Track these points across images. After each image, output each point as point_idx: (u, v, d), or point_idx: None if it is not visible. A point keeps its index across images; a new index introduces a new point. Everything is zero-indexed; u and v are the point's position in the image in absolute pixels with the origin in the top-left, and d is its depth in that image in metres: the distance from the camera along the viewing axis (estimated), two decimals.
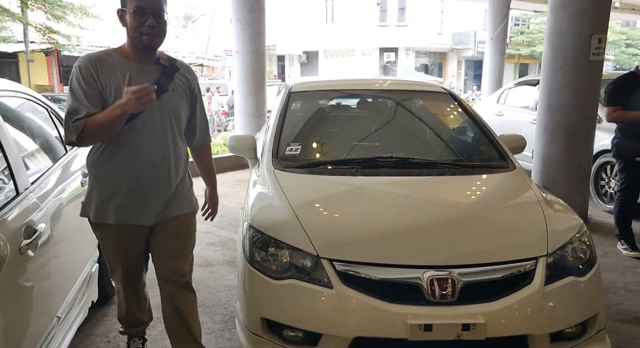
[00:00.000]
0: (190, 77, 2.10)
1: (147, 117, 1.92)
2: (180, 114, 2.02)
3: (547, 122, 4.60)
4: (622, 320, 2.77)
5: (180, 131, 2.06)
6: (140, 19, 1.84)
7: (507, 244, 2.12)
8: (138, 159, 1.94)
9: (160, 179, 2.00)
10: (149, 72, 1.95)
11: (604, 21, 4.39)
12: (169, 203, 2.05)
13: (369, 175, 2.60)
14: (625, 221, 3.84)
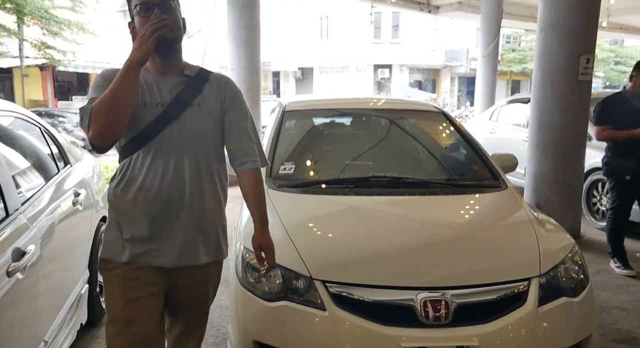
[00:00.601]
0: (226, 88, 1.76)
1: (166, 137, 1.63)
2: (207, 132, 1.69)
3: (538, 141, 4.64)
4: (616, 340, 2.77)
5: (212, 154, 1.73)
6: (145, 15, 1.58)
7: (500, 265, 2.13)
8: (156, 189, 1.63)
9: (181, 213, 1.66)
10: (171, 84, 1.68)
11: (592, 41, 4.46)
12: (190, 245, 1.70)
13: (362, 194, 2.61)
14: (617, 239, 3.86)
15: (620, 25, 17.76)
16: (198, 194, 1.68)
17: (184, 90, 1.67)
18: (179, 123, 1.64)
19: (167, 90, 1.66)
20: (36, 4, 12.56)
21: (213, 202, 1.73)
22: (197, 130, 1.68)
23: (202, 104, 1.69)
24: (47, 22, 12.75)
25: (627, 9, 14.27)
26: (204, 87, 1.71)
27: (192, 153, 1.67)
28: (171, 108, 1.64)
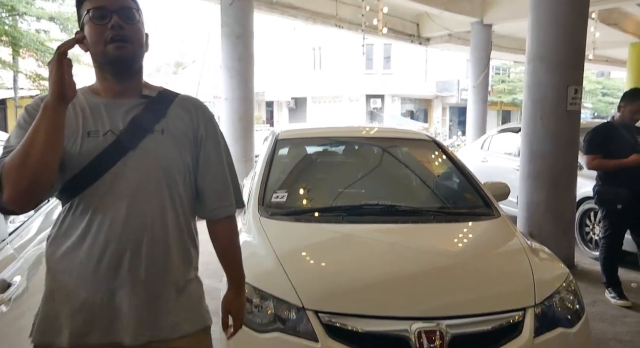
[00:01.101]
0: (197, 112, 1.38)
1: (118, 173, 1.23)
2: (174, 165, 1.30)
3: (530, 170, 4.68)
4: None
5: (181, 194, 1.32)
6: (100, 23, 1.22)
7: (495, 294, 2.10)
8: (103, 242, 1.22)
9: (138, 273, 1.24)
10: (126, 107, 1.29)
11: (579, 72, 4.56)
12: (154, 315, 1.27)
13: (355, 222, 2.59)
14: (611, 269, 3.84)
15: (606, 58, 18.21)
16: (162, 248, 1.28)
17: (142, 113, 1.29)
18: (137, 154, 1.25)
19: (120, 115, 1.28)
20: (32, 36, 12.71)
21: (183, 258, 1.33)
22: (161, 162, 1.28)
23: (166, 130, 1.30)
24: (43, 54, 12.86)
25: (611, 43, 14.67)
26: (168, 110, 1.34)
27: (154, 193, 1.27)
28: (125, 135, 1.25)
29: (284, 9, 9.52)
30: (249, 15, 7.20)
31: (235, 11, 7.02)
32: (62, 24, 13.17)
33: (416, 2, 10.24)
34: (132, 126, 1.28)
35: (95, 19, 1.23)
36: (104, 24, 1.22)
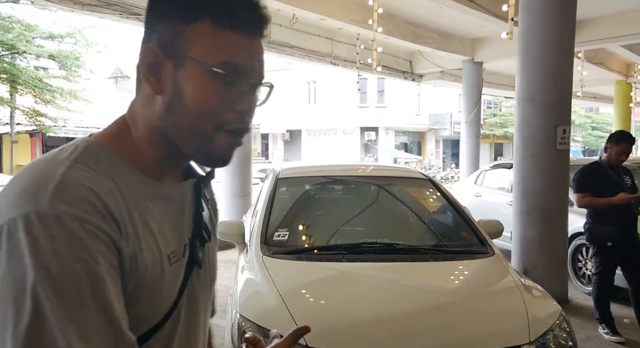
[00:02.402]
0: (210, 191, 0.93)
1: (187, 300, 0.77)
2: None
3: (522, 206, 4.81)
4: None
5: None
6: (229, 90, 0.70)
7: (491, 332, 2.18)
8: None
9: None
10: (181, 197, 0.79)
11: (567, 113, 4.76)
12: None
13: (355, 260, 2.68)
14: (604, 305, 3.92)
15: (593, 94, 18.72)
16: None
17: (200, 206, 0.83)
18: (199, 275, 0.82)
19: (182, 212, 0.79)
20: (30, 74, 12.92)
21: None
22: (213, 274, 0.92)
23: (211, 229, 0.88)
24: (41, 90, 13.05)
25: (598, 80, 15.14)
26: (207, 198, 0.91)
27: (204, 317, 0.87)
28: (193, 246, 0.79)
29: (281, 47, 9.82)
30: None
31: None
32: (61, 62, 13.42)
33: (409, 41, 10.61)
34: (199, 230, 0.81)
35: (231, 79, 0.70)
36: (237, 97, 0.72)
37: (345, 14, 8.82)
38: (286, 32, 9.72)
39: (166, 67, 0.68)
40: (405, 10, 9.70)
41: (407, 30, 10.42)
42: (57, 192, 0.59)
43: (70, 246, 0.57)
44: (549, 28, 4.58)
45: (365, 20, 8.63)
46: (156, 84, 0.69)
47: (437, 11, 9.00)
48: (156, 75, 0.69)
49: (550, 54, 4.60)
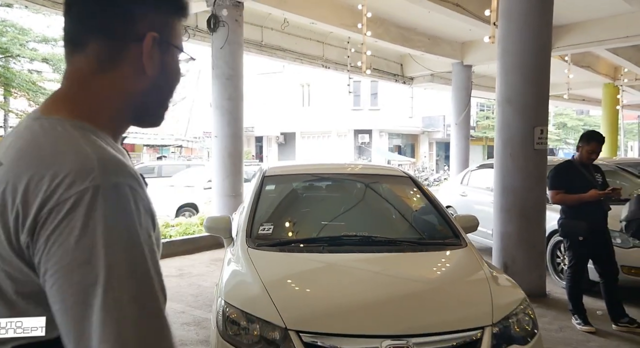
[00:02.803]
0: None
1: None
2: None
3: (502, 203, 4.99)
4: None
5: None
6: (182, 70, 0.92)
7: (457, 315, 2.35)
8: None
9: None
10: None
11: (545, 114, 4.95)
12: None
13: (335, 252, 2.85)
14: (576, 297, 4.10)
15: (582, 97, 19.03)
16: None
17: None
18: None
19: None
20: (24, 77, 13.03)
21: None
22: None
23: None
24: (35, 94, 13.16)
25: (585, 83, 15.42)
26: None
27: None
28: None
29: (273, 50, 10.00)
30: (238, 57, 7.60)
31: (225, 54, 7.42)
32: (54, 65, 13.54)
33: (399, 45, 10.81)
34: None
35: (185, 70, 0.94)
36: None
37: (335, 18, 9.00)
38: (278, 35, 9.90)
39: (155, 52, 0.82)
40: (395, 15, 9.90)
41: (397, 33, 10.62)
42: (106, 167, 0.70)
43: (129, 211, 0.69)
44: (527, 33, 4.78)
45: (355, 24, 8.81)
46: (151, 65, 0.82)
47: (426, 15, 9.20)
48: (151, 58, 0.82)
49: (528, 57, 4.80)
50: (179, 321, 4.23)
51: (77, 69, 0.82)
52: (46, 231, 0.67)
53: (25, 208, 0.68)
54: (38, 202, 0.67)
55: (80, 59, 0.81)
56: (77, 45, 0.81)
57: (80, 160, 0.70)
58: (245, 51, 8.28)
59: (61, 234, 0.66)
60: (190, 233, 7.53)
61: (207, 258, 6.70)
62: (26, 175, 0.69)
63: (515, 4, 4.80)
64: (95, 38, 0.80)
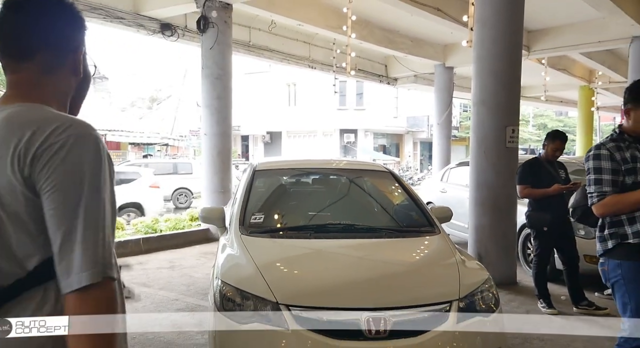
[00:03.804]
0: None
1: None
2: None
3: (477, 198, 5.34)
4: None
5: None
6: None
7: (428, 291, 2.67)
8: None
9: None
10: None
11: (516, 115, 5.31)
12: None
13: (321, 238, 3.14)
14: (542, 282, 4.46)
15: (560, 99, 19.62)
16: None
17: None
18: None
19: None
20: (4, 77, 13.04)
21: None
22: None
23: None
24: None
25: (562, 85, 15.96)
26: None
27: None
28: None
29: (260, 51, 10.27)
30: (227, 58, 7.85)
31: (214, 54, 7.67)
32: None
33: (383, 47, 11.15)
34: None
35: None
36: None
37: (321, 20, 9.30)
38: (265, 36, 10.17)
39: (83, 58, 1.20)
40: (379, 17, 10.23)
41: (381, 36, 10.96)
42: (80, 123, 1.04)
43: (97, 151, 1.03)
44: (499, 39, 5.13)
45: (340, 26, 9.12)
46: (80, 69, 1.19)
47: (409, 19, 9.53)
48: (81, 63, 1.19)
49: (500, 62, 5.15)
50: (174, 307, 4.49)
51: (27, 74, 1.11)
52: (42, 163, 0.98)
53: (27, 150, 0.98)
54: (36, 145, 0.98)
55: (30, 65, 1.11)
56: (27, 57, 1.11)
57: (60, 119, 1.03)
58: (234, 51, 8.53)
59: (58, 164, 0.98)
60: (180, 228, 7.77)
61: (197, 251, 6.95)
62: (17, 133, 1.00)
63: (489, 13, 5.15)
64: (43, 50, 1.12)
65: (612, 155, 2.39)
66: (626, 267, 2.36)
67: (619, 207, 2.36)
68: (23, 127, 1.00)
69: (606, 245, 2.45)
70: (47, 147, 0.98)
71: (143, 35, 8.54)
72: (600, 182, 2.39)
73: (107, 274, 0.98)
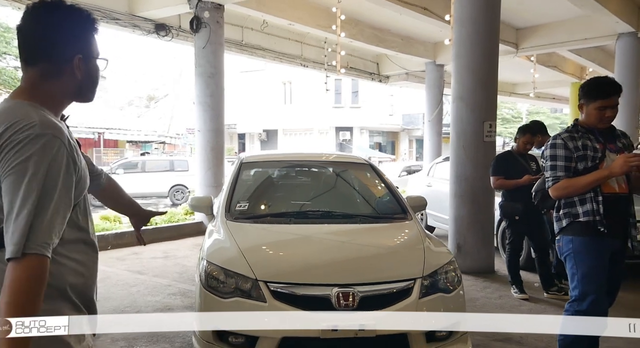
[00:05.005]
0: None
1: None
2: None
3: (456, 190, 5.60)
4: (496, 339, 3.55)
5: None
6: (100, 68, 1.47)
7: (395, 270, 2.93)
8: None
9: None
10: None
11: (493, 111, 5.57)
12: None
13: (300, 223, 3.39)
14: (514, 269, 4.72)
15: (552, 96, 19.87)
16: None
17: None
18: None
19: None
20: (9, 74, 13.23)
21: None
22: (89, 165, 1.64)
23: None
24: None
25: (554, 82, 16.20)
26: None
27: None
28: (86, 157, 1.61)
29: (253, 50, 10.50)
30: (220, 57, 8.09)
31: (207, 53, 7.91)
32: None
33: (374, 45, 11.39)
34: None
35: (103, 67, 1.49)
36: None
37: (311, 19, 9.54)
38: (258, 35, 10.40)
39: (82, 64, 1.37)
40: (369, 16, 10.46)
41: (372, 34, 11.20)
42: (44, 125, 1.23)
43: (51, 151, 1.21)
44: (476, 38, 5.38)
45: (330, 25, 9.34)
46: (79, 74, 1.37)
47: (399, 17, 9.77)
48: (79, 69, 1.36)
49: (477, 60, 5.40)
50: (166, 292, 4.74)
51: (32, 76, 1.35)
52: (5, 152, 1.20)
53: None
54: (4, 138, 1.21)
55: (34, 70, 1.34)
56: (31, 63, 1.35)
57: (27, 119, 1.23)
58: (227, 50, 8.77)
59: (12, 157, 1.20)
60: (175, 221, 8.02)
61: (191, 243, 7.20)
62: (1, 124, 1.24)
63: (466, 12, 5.41)
64: (43, 60, 1.33)
65: (566, 144, 2.68)
66: (577, 242, 2.65)
67: (570, 190, 2.65)
68: (2, 122, 1.24)
69: (561, 224, 2.75)
70: (9, 142, 1.21)
71: (138, 35, 8.76)
72: (555, 168, 2.69)
73: (31, 250, 1.16)
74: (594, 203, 2.58)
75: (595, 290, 2.56)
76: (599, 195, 2.58)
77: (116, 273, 5.37)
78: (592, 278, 2.57)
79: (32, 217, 1.17)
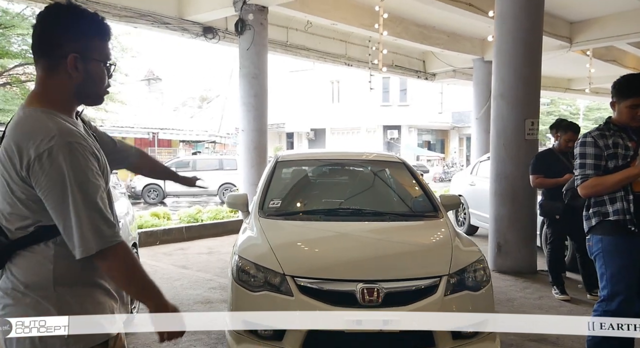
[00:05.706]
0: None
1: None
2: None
3: (496, 188, 5.49)
4: (530, 339, 3.48)
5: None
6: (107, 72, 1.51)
7: (420, 266, 2.95)
8: None
9: None
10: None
11: (536, 108, 5.41)
12: None
13: (330, 221, 3.47)
14: (555, 269, 4.58)
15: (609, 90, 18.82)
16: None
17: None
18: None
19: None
20: None
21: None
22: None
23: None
24: None
25: (610, 77, 15.21)
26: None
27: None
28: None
29: (297, 50, 10.65)
30: (263, 58, 8.29)
31: (251, 54, 8.12)
32: None
33: (418, 43, 11.27)
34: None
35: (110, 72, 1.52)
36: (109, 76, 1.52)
37: (354, 19, 9.57)
38: (302, 35, 10.54)
39: (79, 64, 1.38)
40: (413, 14, 10.37)
41: (416, 32, 11.08)
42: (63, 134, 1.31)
43: (77, 156, 1.30)
44: (518, 34, 5.25)
45: (373, 24, 9.34)
46: (75, 73, 1.38)
47: (444, 14, 9.62)
48: (76, 69, 1.38)
49: (519, 56, 5.27)
50: (207, 286, 4.95)
51: (38, 72, 1.42)
52: (35, 169, 1.28)
53: (21, 159, 1.29)
54: (28, 154, 1.28)
55: (38, 67, 1.41)
56: (36, 61, 1.42)
57: (47, 131, 1.30)
58: (272, 51, 8.96)
59: (43, 171, 1.28)
60: (220, 219, 8.30)
61: (234, 239, 7.40)
62: (19, 141, 1.31)
63: (507, 8, 5.29)
64: (41, 57, 1.40)
65: (596, 142, 2.62)
66: (606, 241, 2.59)
67: (599, 189, 2.59)
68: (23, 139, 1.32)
69: (590, 222, 2.69)
70: (36, 158, 1.28)
71: (187, 38, 9.11)
72: (584, 166, 2.63)
73: (105, 245, 1.31)
74: (624, 202, 2.51)
75: (625, 289, 2.49)
76: (630, 194, 2.50)
77: (162, 268, 5.65)
78: (621, 278, 2.50)
79: (89, 218, 1.30)
